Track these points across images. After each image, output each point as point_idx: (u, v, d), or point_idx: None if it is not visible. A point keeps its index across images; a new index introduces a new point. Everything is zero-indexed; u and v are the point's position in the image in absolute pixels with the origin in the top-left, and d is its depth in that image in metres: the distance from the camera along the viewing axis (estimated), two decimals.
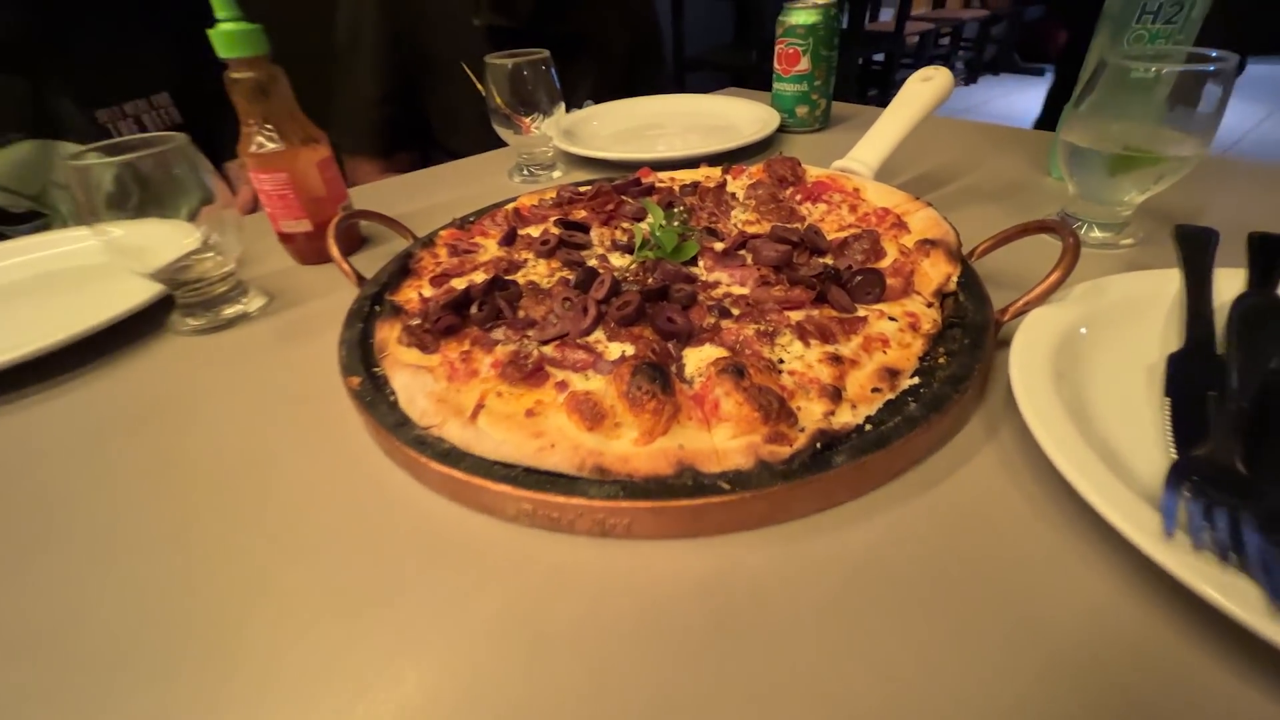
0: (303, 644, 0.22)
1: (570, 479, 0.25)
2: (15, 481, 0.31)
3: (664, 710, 0.19)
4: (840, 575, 0.23)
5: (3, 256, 0.49)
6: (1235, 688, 0.18)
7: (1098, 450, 0.24)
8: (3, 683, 0.22)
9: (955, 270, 0.35)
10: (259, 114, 0.44)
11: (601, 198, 0.47)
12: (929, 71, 0.49)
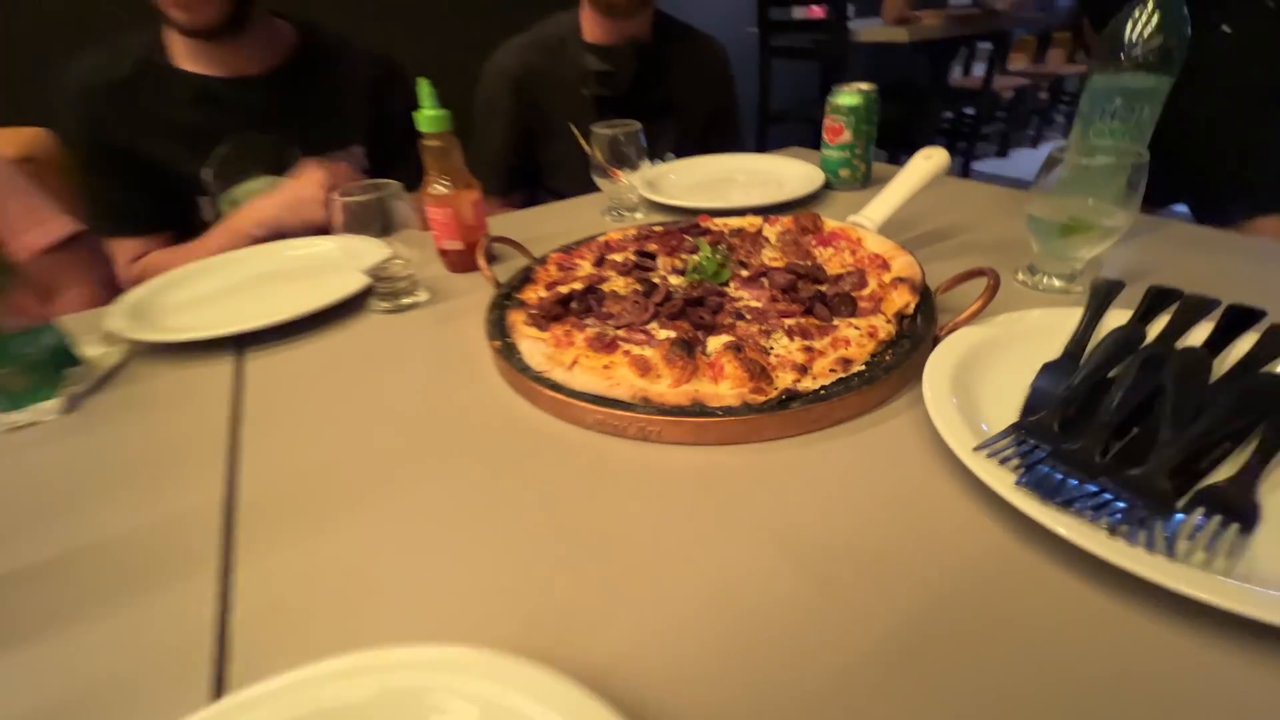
0: (464, 491, 0.39)
1: (627, 404, 0.41)
2: (287, 394, 0.50)
3: (665, 530, 0.34)
4: (783, 471, 0.37)
5: (274, 252, 0.73)
6: (1019, 549, 0.31)
7: (967, 417, 0.37)
8: (287, 505, 0.40)
9: (914, 300, 0.48)
10: (439, 168, 0.64)
11: (669, 235, 0.64)
12: (930, 151, 0.63)
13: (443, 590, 0.31)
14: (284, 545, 0.35)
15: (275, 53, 0.90)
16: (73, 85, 0.82)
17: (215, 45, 0.84)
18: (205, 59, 0.85)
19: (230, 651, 0.29)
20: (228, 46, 0.85)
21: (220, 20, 0.79)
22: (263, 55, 0.88)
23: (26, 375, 0.47)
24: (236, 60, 0.86)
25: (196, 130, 0.85)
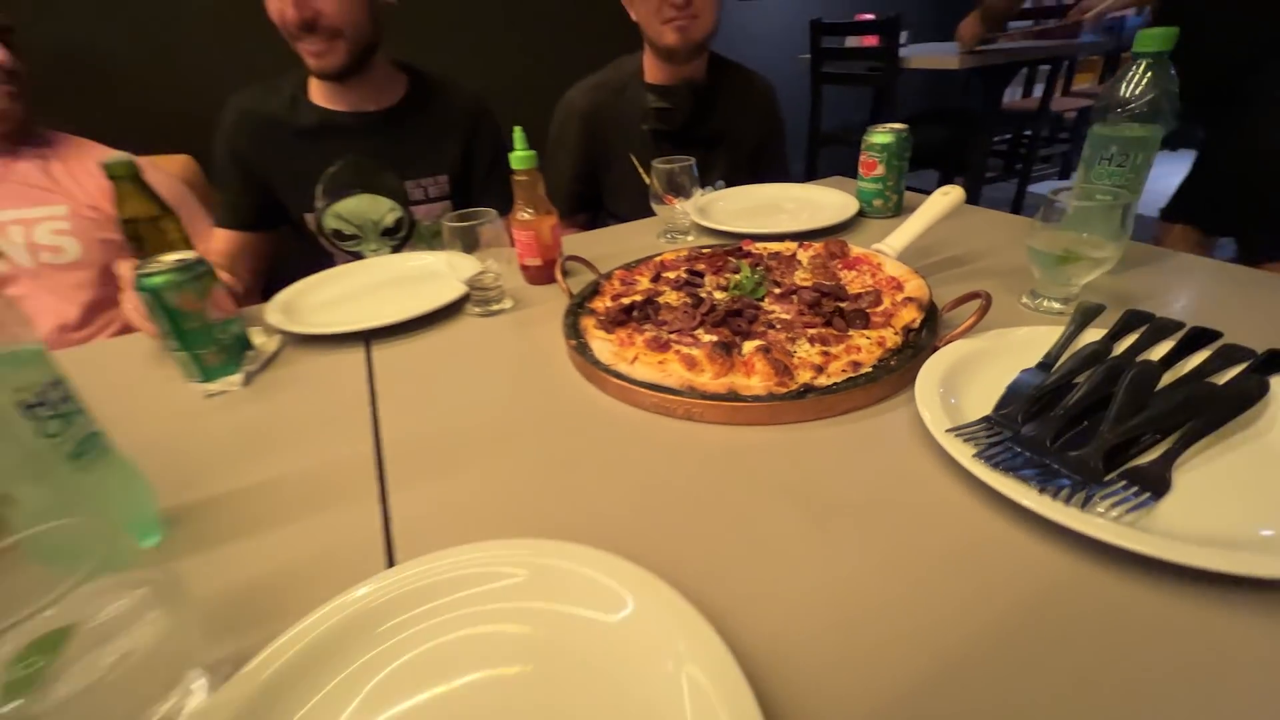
0: (545, 453, 0.51)
1: (676, 390, 0.52)
2: (407, 377, 0.64)
3: (703, 488, 0.45)
4: (799, 447, 0.47)
5: (392, 264, 0.89)
6: (978, 508, 0.40)
7: (950, 410, 0.46)
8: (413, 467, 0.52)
9: (920, 316, 0.57)
10: (525, 198, 0.78)
11: (716, 257, 0.75)
12: (948, 188, 0.72)
13: (525, 519, 0.43)
14: (419, 482, 0.47)
15: (391, 94, 1.07)
16: (234, 109, 1.03)
17: (343, 87, 1.02)
18: (335, 97, 1.03)
19: (394, 543, 0.41)
20: (353, 88, 1.02)
21: (343, 66, 0.96)
22: (379, 96, 1.06)
23: (220, 355, 0.62)
24: (360, 99, 1.04)
25: (318, 153, 1.03)
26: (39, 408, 0.36)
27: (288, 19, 0.89)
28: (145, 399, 0.63)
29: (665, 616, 0.31)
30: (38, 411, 0.36)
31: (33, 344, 0.37)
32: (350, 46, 0.95)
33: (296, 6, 0.88)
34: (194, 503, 0.47)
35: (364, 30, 0.96)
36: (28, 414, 0.36)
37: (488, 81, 1.48)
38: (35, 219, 1.03)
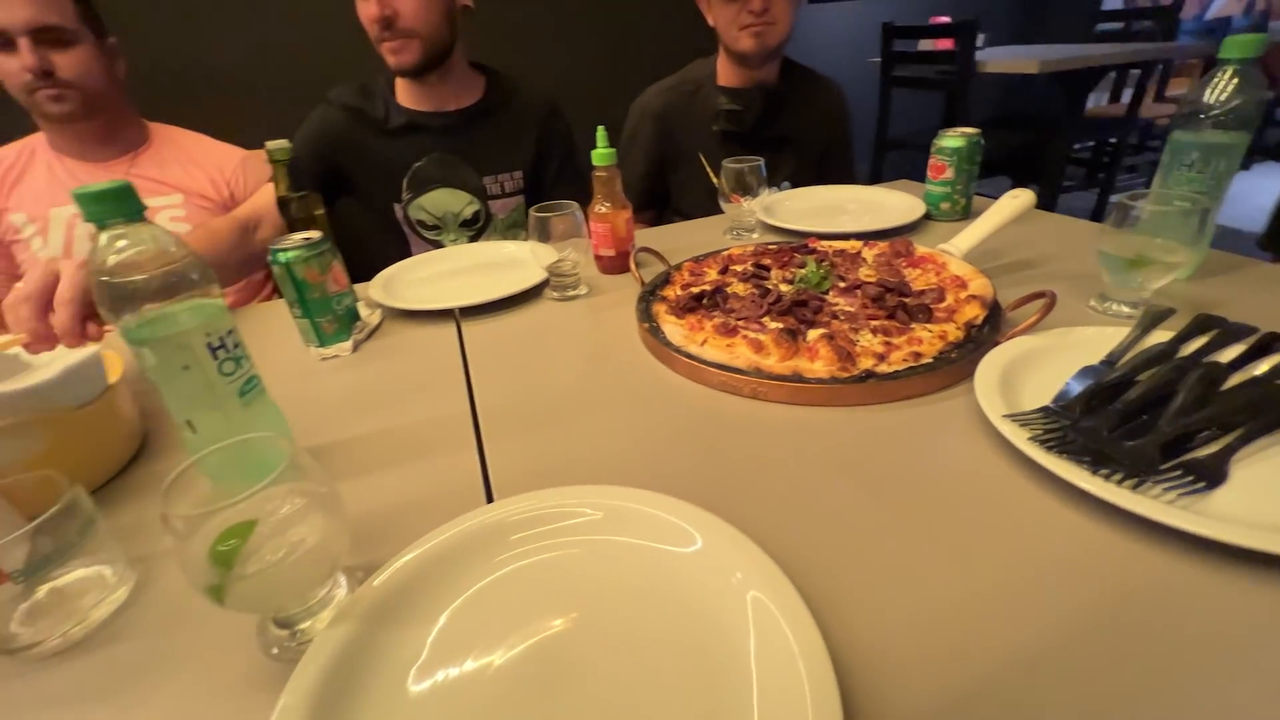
0: (620, 423, 0.56)
1: (744, 370, 0.56)
2: (495, 350, 0.70)
3: (767, 461, 0.49)
4: (859, 428, 0.51)
5: (481, 251, 0.98)
6: (1033, 490, 0.43)
7: (1008, 399, 0.48)
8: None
9: (983, 313, 0.59)
10: (603, 192, 0.83)
11: (782, 253, 0.79)
12: (1017, 192, 0.73)
13: (604, 473, 0.48)
14: (509, 438, 0.54)
15: (469, 95, 1.15)
16: (335, 104, 1.12)
17: (425, 86, 1.10)
18: (419, 98, 1.12)
19: (491, 484, 0.47)
20: (434, 88, 1.11)
21: (417, 63, 1.04)
22: (459, 97, 1.14)
23: (335, 324, 0.71)
24: (441, 99, 1.13)
25: (405, 149, 1.12)
26: (220, 350, 0.44)
27: (371, 16, 0.98)
28: (272, 358, 0.72)
29: (731, 550, 0.35)
30: (218, 353, 0.44)
31: (217, 299, 0.45)
32: (425, 45, 1.03)
33: (379, 5, 0.96)
34: (316, 447, 0.55)
35: (439, 31, 1.04)
36: (211, 354, 0.44)
37: (568, 82, 1.56)
38: (156, 208, 1.15)
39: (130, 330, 0.42)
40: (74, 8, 1.00)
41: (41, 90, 0.99)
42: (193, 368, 0.43)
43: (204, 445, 0.46)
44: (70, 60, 1.00)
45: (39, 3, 0.95)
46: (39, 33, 0.96)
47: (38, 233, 1.12)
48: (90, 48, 1.03)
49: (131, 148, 1.16)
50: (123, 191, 0.40)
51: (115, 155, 1.15)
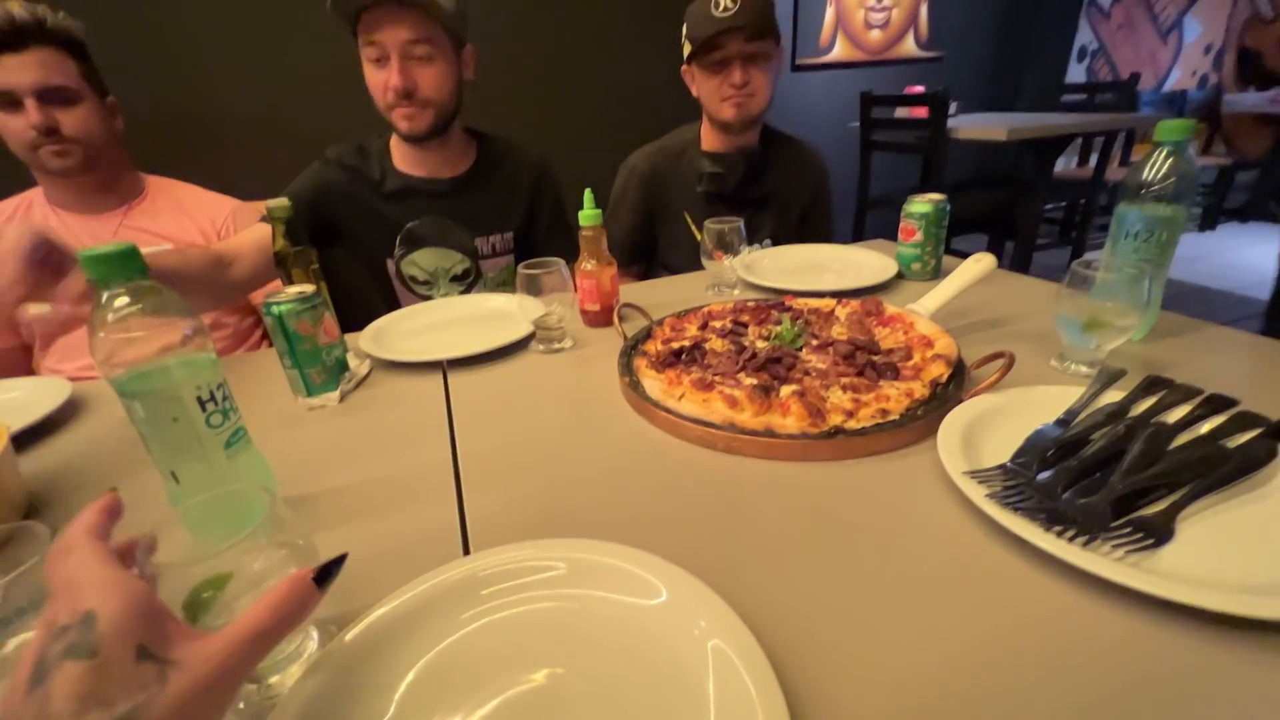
0: (599, 474, 0.57)
1: (719, 425, 0.58)
2: (480, 401, 0.72)
3: (740, 511, 0.50)
4: (827, 480, 0.52)
5: (468, 304, 1.00)
6: (988, 543, 0.44)
7: (969, 456, 0.50)
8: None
9: (947, 371, 0.62)
10: (589, 250, 0.87)
11: (760, 310, 0.82)
12: (980, 256, 0.77)
13: (580, 524, 0.49)
14: (490, 489, 0.55)
15: (463, 161, 1.20)
16: (332, 161, 1.15)
17: (423, 152, 1.15)
18: (415, 163, 1.17)
19: (470, 536, 0.48)
20: (432, 154, 1.16)
21: (428, 130, 1.09)
22: (453, 163, 1.19)
23: (323, 374, 0.72)
24: (437, 165, 1.17)
25: (398, 210, 1.16)
26: (209, 403, 0.46)
27: (391, 86, 1.02)
28: (259, 406, 0.73)
29: (694, 601, 0.36)
30: (207, 406, 0.46)
31: (209, 353, 0.46)
32: (436, 114, 1.08)
33: (401, 76, 1.01)
34: (298, 496, 0.56)
35: (450, 102, 1.10)
36: (200, 407, 0.45)
37: (561, 145, 1.63)
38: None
39: (122, 383, 0.43)
40: (77, 68, 1.06)
41: (46, 146, 1.04)
42: (181, 419, 0.44)
43: (186, 495, 0.47)
44: (73, 118, 1.05)
45: (46, 65, 1.01)
46: (45, 93, 1.01)
47: None
48: (92, 106, 1.08)
49: (126, 199, 1.20)
50: (127, 254, 0.43)
51: (111, 207, 1.18)
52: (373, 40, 0.99)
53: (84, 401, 0.78)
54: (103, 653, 0.25)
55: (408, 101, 1.04)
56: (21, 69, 0.99)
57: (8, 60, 0.98)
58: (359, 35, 1.01)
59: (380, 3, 0.96)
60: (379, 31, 0.99)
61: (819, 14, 3.26)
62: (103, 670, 0.24)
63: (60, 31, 1.02)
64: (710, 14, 1.16)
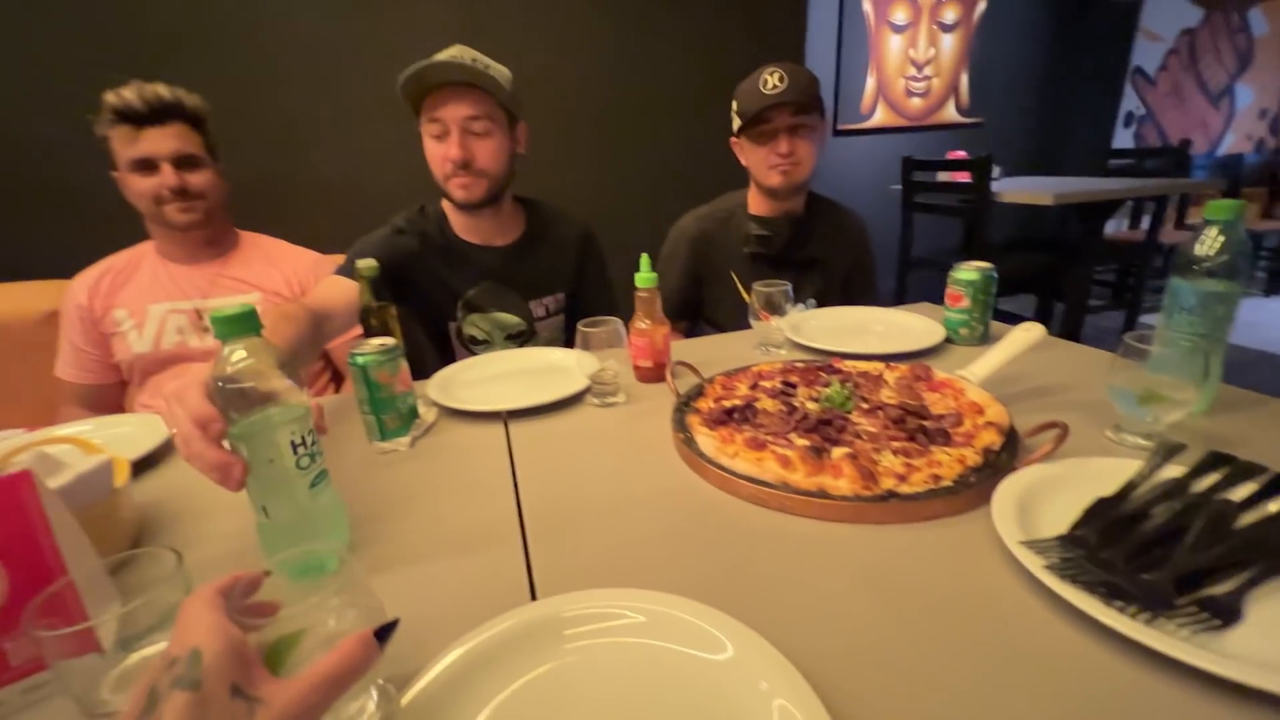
0: (653, 527, 0.59)
1: (772, 484, 0.60)
2: (539, 450, 0.76)
3: (790, 570, 0.52)
4: (879, 543, 0.53)
5: (529, 356, 1.06)
6: (1051, 620, 0.45)
7: (1024, 528, 0.51)
8: None
9: (1000, 439, 0.63)
10: (644, 310, 0.92)
11: (809, 371, 0.85)
12: (1028, 325, 0.78)
13: (639, 575, 0.51)
14: (552, 536, 0.57)
15: (514, 229, 1.28)
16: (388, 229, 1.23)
17: (476, 219, 1.23)
18: (470, 230, 1.24)
19: (535, 582, 0.51)
20: (485, 221, 1.23)
21: (482, 198, 1.17)
22: (504, 231, 1.27)
23: (397, 420, 0.78)
24: (489, 233, 1.25)
25: (457, 275, 1.23)
26: (299, 446, 0.51)
27: (450, 158, 1.11)
28: (338, 448, 0.79)
29: (758, 659, 0.38)
30: (298, 450, 0.51)
31: (304, 404, 0.52)
32: (490, 184, 1.16)
33: (460, 149, 1.10)
34: (370, 536, 0.60)
35: (503, 172, 1.18)
36: (292, 450, 0.50)
37: (614, 211, 1.73)
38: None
39: (233, 427, 0.49)
40: (201, 140, 1.24)
41: (174, 204, 1.20)
42: (275, 461, 0.50)
43: (274, 527, 0.51)
44: (199, 179, 1.23)
45: (181, 137, 1.19)
46: (178, 159, 1.20)
47: (134, 326, 1.26)
48: (211, 170, 1.25)
49: (224, 252, 1.34)
50: (248, 315, 0.49)
51: (211, 258, 1.32)
52: (435, 117, 1.10)
53: None
54: (204, 687, 0.28)
55: (465, 171, 1.12)
56: (162, 139, 1.17)
57: (151, 132, 1.16)
58: (422, 114, 1.12)
59: (444, 85, 1.07)
60: (441, 109, 1.09)
61: (860, 83, 3.38)
62: (203, 702, 0.28)
63: (193, 109, 1.21)
64: (760, 91, 1.24)
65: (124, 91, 1.13)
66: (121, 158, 1.17)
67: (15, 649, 0.41)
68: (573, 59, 1.91)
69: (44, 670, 0.42)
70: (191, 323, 1.28)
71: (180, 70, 1.30)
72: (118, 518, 0.58)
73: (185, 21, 1.62)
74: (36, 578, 0.42)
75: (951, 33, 3.50)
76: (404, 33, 1.77)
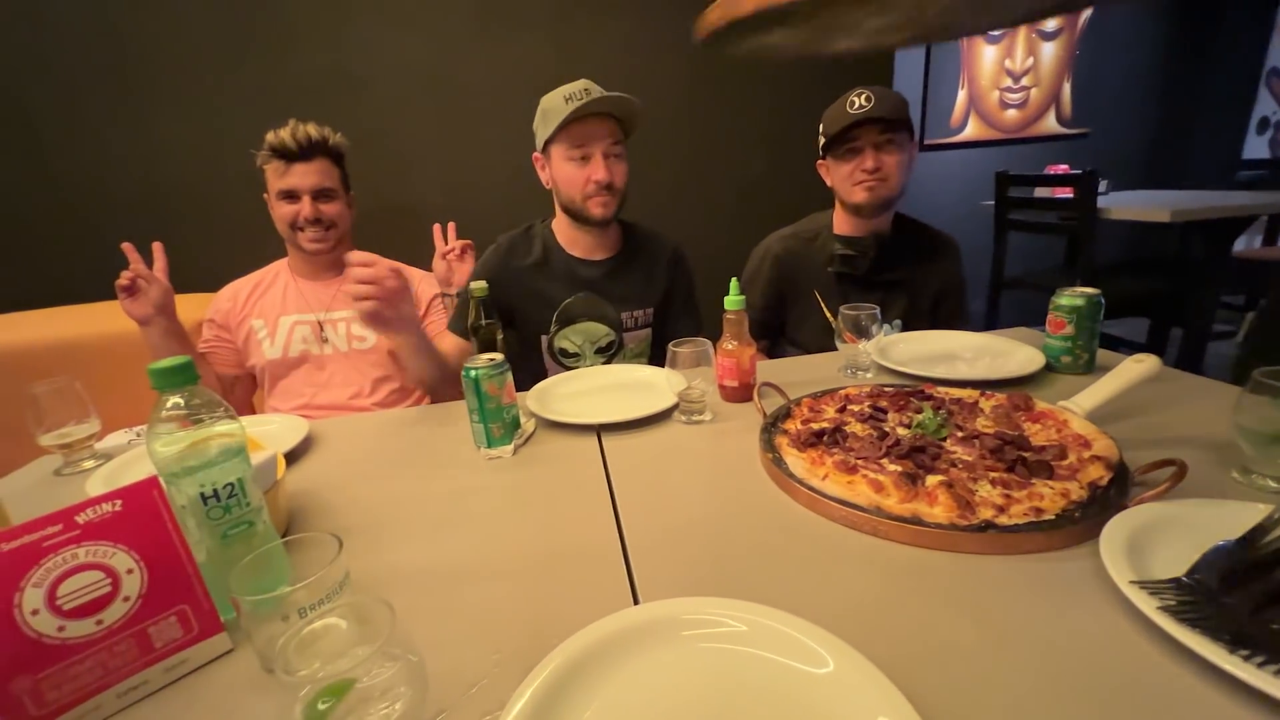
0: (741, 546, 0.62)
1: (864, 508, 0.61)
2: (629, 464, 0.80)
3: (883, 595, 0.53)
4: (975, 574, 0.53)
5: (621, 373, 1.12)
6: (1165, 664, 0.44)
7: (1135, 568, 0.49)
8: None
9: (1108, 475, 0.61)
10: (732, 332, 0.95)
11: (899, 396, 0.84)
12: (1142, 356, 0.75)
13: (734, 586, 0.54)
14: (648, 545, 0.61)
15: (613, 245, 1.35)
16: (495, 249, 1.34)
17: (587, 235, 1.31)
18: (575, 245, 1.33)
19: (637, 592, 0.55)
20: (594, 237, 1.32)
21: (614, 214, 1.27)
22: (605, 246, 1.34)
23: (502, 429, 0.85)
24: (593, 248, 1.33)
25: (557, 287, 1.31)
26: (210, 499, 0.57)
27: (595, 179, 1.21)
28: (449, 452, 0.86)
29: (860, 677, 0.40)
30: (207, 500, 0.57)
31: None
32: (620, 201, 1.27)
33: (606, 171, 1.21)
34: (489, 535, 0.66)
35: (624, 194, 1.28)
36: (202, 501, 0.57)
37: (702, 232, 1.78)
38: (352, 317, 1.43)
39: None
40: (339, 174, 1.41)
41: (309, 230, 1.36)
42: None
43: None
44: (332, 210, 1.39)
45: (323, 172, 1.36)
46: (318, 192, 1.36)
47: (268, 335, 1.43)
48: (344, 201, 1.41)
49: (344, 271, 1.47)
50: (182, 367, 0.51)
51: (334, 276, 1.47)
52: (581, 144, 1.20)
53: (313, 436, 0.96)
54: None
55: (606, 191, 1.23)
56: (306, 174, 1.34)
57: (298, 168, 1.33)
58: (559, 142, 1.21)
59: (589, 115, 1.18)
60: (588, 135, 1.20)
61: (950, 96, 3.27)
62: None
63: (336, 148, 1.38)
64: (846, 111, 1.26)
65: (281, 132, 1.31)
66: (273, 187, 1.35)
67: (157, 632, 0.48)
68: (661, 88, 1.98)
69: (183, 651, 0.49)
70: (314, 333, 1.43)
71: (325, 111, 1.47)
72: (278, 505, 0.67)
73: (324, 68, 1.82)
74: (169, 571, 0.48)
75: (1053, 40, 3.32)
76: (508, 69, 1.90)
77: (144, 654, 0.47)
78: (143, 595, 0.47)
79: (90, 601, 0.45)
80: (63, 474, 0.90)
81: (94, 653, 0.45)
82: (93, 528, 0.45)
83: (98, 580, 0.45)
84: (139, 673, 0.47)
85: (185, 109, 1.77)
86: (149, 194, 1.81)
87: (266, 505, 0.62)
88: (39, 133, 1.73)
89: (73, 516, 0.45)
